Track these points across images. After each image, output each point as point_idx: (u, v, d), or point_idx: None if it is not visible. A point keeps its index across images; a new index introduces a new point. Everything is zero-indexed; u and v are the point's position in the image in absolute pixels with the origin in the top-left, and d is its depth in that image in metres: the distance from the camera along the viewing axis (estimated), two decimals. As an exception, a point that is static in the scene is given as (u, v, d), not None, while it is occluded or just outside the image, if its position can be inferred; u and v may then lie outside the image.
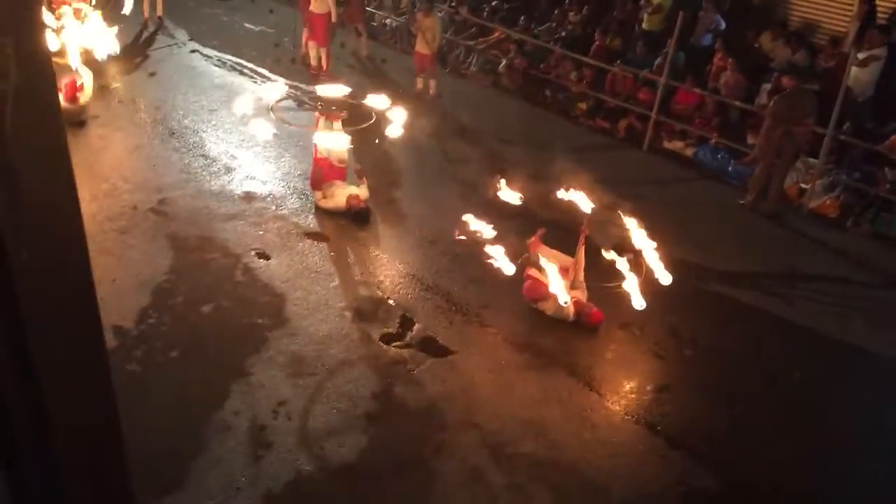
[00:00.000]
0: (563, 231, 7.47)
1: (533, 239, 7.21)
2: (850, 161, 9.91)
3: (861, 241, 9.23)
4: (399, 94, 8.42)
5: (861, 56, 9.88)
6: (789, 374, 6.83)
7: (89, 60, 10.02)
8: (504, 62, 12.88)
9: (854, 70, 9.77)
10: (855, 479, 5.84)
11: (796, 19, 11.94)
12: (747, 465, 5.83)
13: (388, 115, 8.18)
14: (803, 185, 9.92)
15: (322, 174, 8.47)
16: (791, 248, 9.02)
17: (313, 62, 12.50)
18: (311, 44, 12.46)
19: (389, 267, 7.79)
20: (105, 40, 10.23)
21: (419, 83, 12.25)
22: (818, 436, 6.22)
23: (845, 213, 9.58)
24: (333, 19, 12.31)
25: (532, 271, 7.17)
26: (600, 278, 6.99)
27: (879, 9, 10.60)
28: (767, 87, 10.60)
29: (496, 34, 13.40)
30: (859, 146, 9.75)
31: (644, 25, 12.54)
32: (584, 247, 7.02)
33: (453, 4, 14.27)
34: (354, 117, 8.47)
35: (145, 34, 13.11)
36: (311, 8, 12.18)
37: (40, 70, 1.27)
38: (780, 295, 7.94)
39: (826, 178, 9.84)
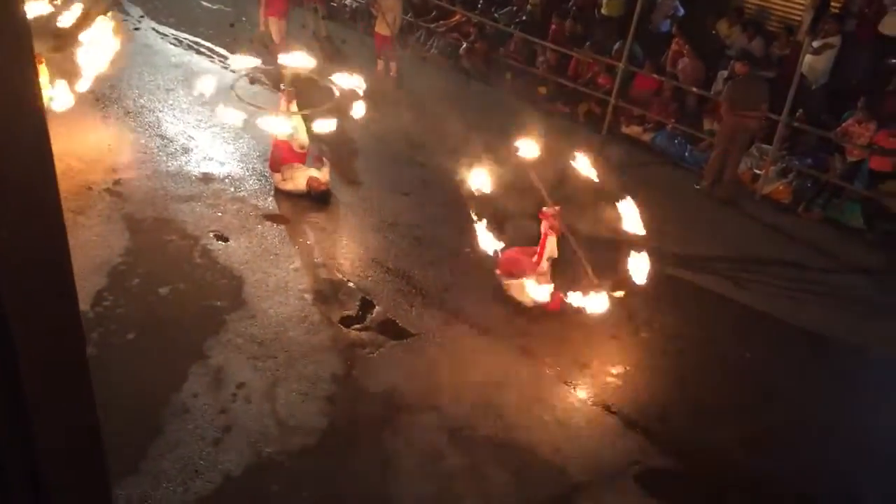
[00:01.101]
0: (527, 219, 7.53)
1: (548, 212, 6.99)
2: (803, 148, 10.12)
3: (813, 226, 9.45)
4: (359, 75, 8.35)
5: (816, 44, 10.07)
6: (741, 355, 6.99)
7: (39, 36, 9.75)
8: (465, 45, 12.87)
9: (808, 58, 9.96)
10: (805, 457, 6.02)
11: (752, 7, 12.10)
12: (700, 443, 5.97)
13: (351, 96, 8.15)
14: (757, 171, 10.11)
15: (281, 157, 8.40)
16: (745, 232, 9.20)
17: (275, 38, 12.31)
18: (271, 19, 12.26)
19: (350, 250, 7.78)
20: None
21: (379, 65, 12.19)
22: (769, 415, 6.38)
23: (797, 199, 9.79)
24: None
25: (515, 249, 7.18)
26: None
27: (833, -2, 10.80)
28: (724, 73, 10.76)
29: (456, 17, 13.38)
30: (812, 133, 9.96)
31: (603, 10, 12.62)
32: (551, 234, 7.02)
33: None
34: (317, 97, 8.41)
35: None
36: None
37: (17, 50, 1.24)
38: (733, 278, 8.11)
39: (779, 165, 10.04)
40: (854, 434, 6.27)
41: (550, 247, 7.00)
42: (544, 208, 6.95)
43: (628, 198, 6.86)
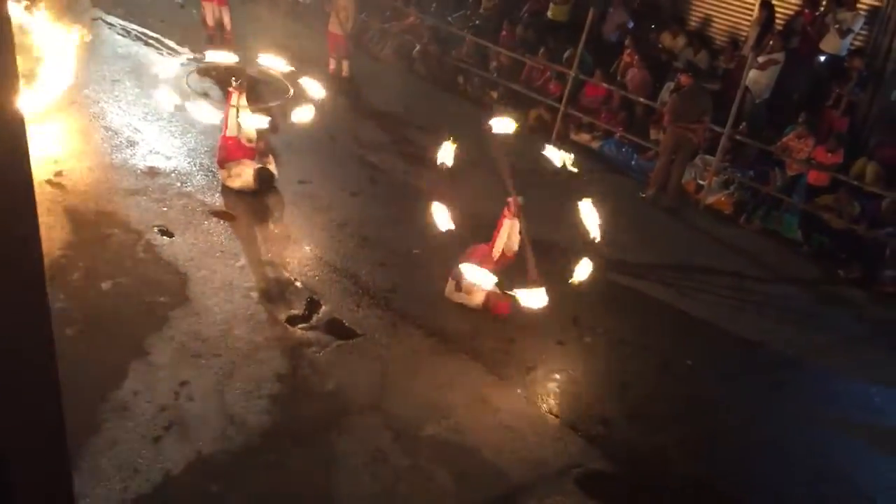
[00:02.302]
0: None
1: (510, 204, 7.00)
2: (745, 160, 10.38)
3: (753, 237, 9.70)
4: (312, 73, 8.32)
5: (761, 59, 10.36)
6: (682, 362, 7.14)
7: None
8: (418, 47, 12.89)
9: (753, 73, 10.23)
10: (739, 462, 6.17)
11: (697, 19, 12.38)
12: (641, 447, 6.07)
13: (304, 94, 8.11)
14: (701, 182, 10.34)
15: (229, 152, 8.30)
16: (688, 241, 9.40)
17: (209, 22, 12.20)
18: (209, 5, 12.16)
19: (297, 248, 7.73)
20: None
21: (332, 63, 12.14)
22: (708, 421, 6.53)
23: (739, 210, 10.04)
24: None
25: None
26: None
27: (777, 15, 11.11)
28: (670, 84, 10.98)
29: (410, 18, 13.39)
30: (754, 146, 10.22)
31: (549, 14, 12.76)
32: (509, 218, 7.01)
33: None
34: (268, 93, 8.35)
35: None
36: None
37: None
38: (676, 286, 8.28)
39: (722, 176, 10.28)
40: (787, 441, 6.45)
41: (506, 233, 7.02)
42: (510, 197, 6.98)
43: (589, 200, 6.93)
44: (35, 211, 1.41)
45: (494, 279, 6.82)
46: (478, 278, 6.81)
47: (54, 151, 8.38)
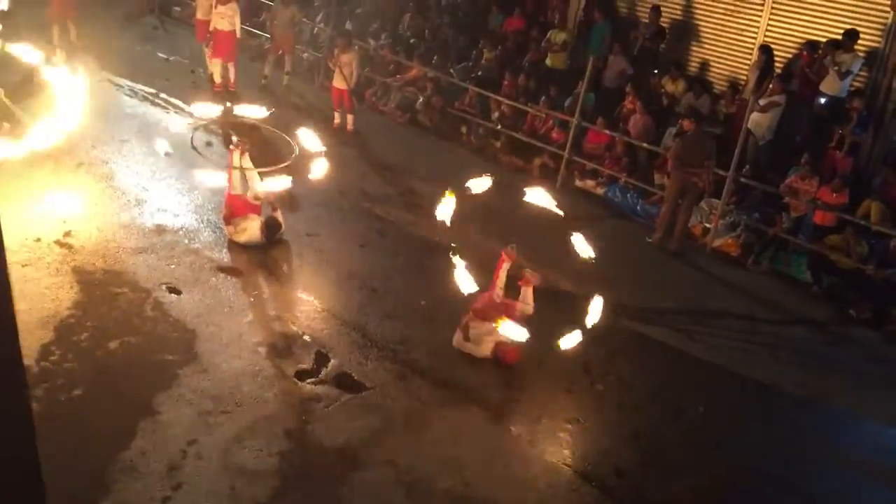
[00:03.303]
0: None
1: (506, 252, 7.19)
2: (751, 202, 10.39)
3: (761, 279, 9.67)
4: (317, 128, 8.43)
5: (762, 102, 10.45)
6: (694, 407, 7.06)
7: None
8: (421, 99, 13.04)
9: (755, 115, 10.32)
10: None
11: (697, 65, 12.52)
12: (654, 496, 5.97)
13: (312, 153, 8.19)
14: (707, 225, 10.35)
15: (235, 209, 8.36)
16: (696, 284, 9.37)
17: (217, 79, 12.54)
18: (216, 61, 12.53)
19: (305, 302, 7.72)
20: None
21: (337, 118, 12.29)
22: (722, 468, 6.42)
23: (746, 252, 10.02)
24: (237, 35, 12.47)
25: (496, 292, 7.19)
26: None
27: (776, 58, 11.23)
28: (672, 130, 11.06)
29: (413, 71, 13.57)
30: (759, 188, 10.25)
31: (547, 62, 12.92)
32: (504, 270, 7.12)
33: (371, 41, 14.40)
34: (275, 152, 8.44)
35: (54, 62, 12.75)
36: (215, 25, 12.31)
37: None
38: (685, 330, 8.22)
39: (728, 219, 10.28)
40: (804, 485, 6.34)
41: (504, 276, 7.13)
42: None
43: (580, 234, 6.98)
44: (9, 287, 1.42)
45: (526, 334, 6.77)
46: (514, 334, 6.77)
47: (63, 212, 8.45)
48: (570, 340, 6.91)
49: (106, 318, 6.93)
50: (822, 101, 10.74)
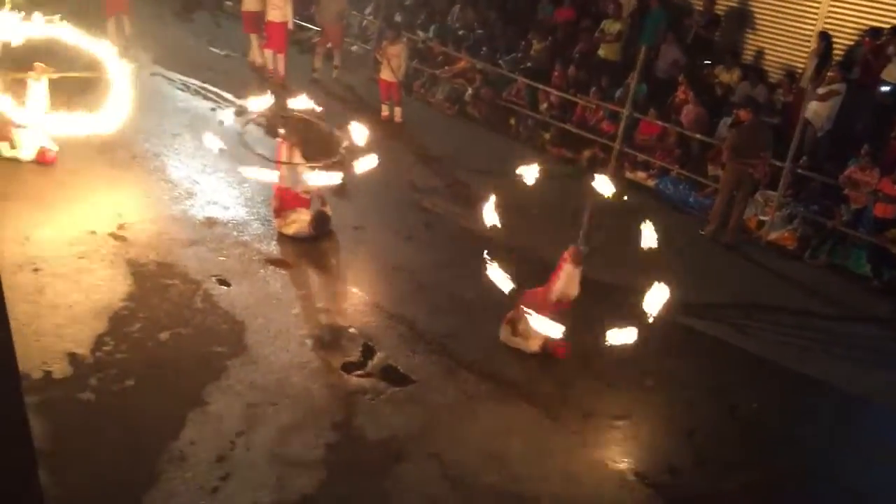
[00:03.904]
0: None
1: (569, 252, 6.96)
2: (808, 194, 10.11)
3: (818, 273, 9.40)
4: (365, 120, 8.43)
5: (821, 91, 10.14)
6: (748, 404, 6.89)
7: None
8: (470, 91, 12.97)
9: (813, 104, 10.03)
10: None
11: (753, 54, 12.21)
12: (706, 494, 5.85)
13: (361, 146, 8.18)
14: (762, 217, 10.10)
15: (284, 201, 8.41)
16: (750, 279, 9.15)
17: (270, 66, 12.88)
18: (268, 52, 12.73)
19: (352, 295, 7.73)
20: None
21: (385, 110, 12.29)
22: (777, 466, 6.26)
23: (803, 246, 9.76)
24: (290, 27, 12.59)
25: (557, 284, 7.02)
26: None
27: (836, 46, 10.89)
28: (727, 120, 10.80)
29: (461, 63, 13.50)
30: (817, 180, 9.96)
31: (600, 53, 12.73)
32: (567, 264, 6.94)
33: (420, 33, 14.36)
34: (325, 144, 8.45)
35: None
36: (269, 18, 12.48)
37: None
38: (739, 326, 8.04)
39: (784, 211, 10.02)
40: (860, 484, 6.16)
41: (565, 278, 6.90)
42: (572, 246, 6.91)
43: (649, 222, 6.75)
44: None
45: (562, 328, 6.63)
46: (546, 329, 6.65)
47: (117, 205, 8.59)
48: (623, 336, 6.74)
49: (157, 310, 7.02)
50: (884, 89, 10.37)
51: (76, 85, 9.37)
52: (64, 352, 6.26)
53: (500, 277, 6.63)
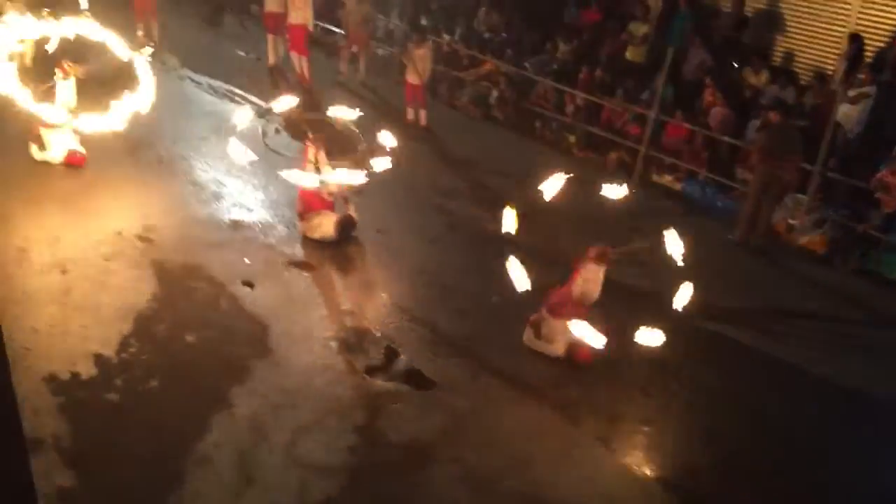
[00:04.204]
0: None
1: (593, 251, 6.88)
2: (838, 198, 9.96)
3: (849, 278, 9.25)
4: (390, 123, 8.44)
5: (851, 93, 9.99)
6: (778, 412, 6.78)
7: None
8: (495, 94, 12.94)
9: (844, 107, 9.88)
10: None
11: (782, 56, 12.06)
12: (732, 502, 5.76)
13: (385, 148, 8.17)
14: (791, 221, 9.96)
15: (309, 204, 8.43)
16: (779, 284, 9.03)
17: (291, 65, 13.16)
18: (293, 54, 12.81)
19: (376, 297, 7.73)
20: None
21: (410, 113, 12.30)
22: (805, 473, 6.16)
23: (833, 250, 9.61)
24: (310, 29, 12.67)
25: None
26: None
27: (867, 47, 10.73)
28: (756, 122, 10.67)
29: (487, 65, 13.47)
30: (847, 183, 9.81)
31: (627, 55, 12.66)
32: (591, 263, 6.87)
33: (445, 36, 14.36)
34: (349, 147, 8.46)
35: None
36: (290, 20, 12.55)
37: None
38: (768, 331, 7.92)
39: (814, 215, 9.87)
40: (888, 493, 6.03)
41: (587, 276, 6.83)
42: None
43: (673, 230, 6.68)
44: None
45: (604, 339, 6.54)
46: (588, 338, 6.56)
47: (144, 206, 8.67)
48: (649, 338, 6.66)
49: (182, 312, 7.06)
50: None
51: (103, 85, 9.47)
52: (90, 353, 6.30)
53: (518, 275, 6.58)
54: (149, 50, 9.65)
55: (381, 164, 8.16)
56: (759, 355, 7.55)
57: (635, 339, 6.48)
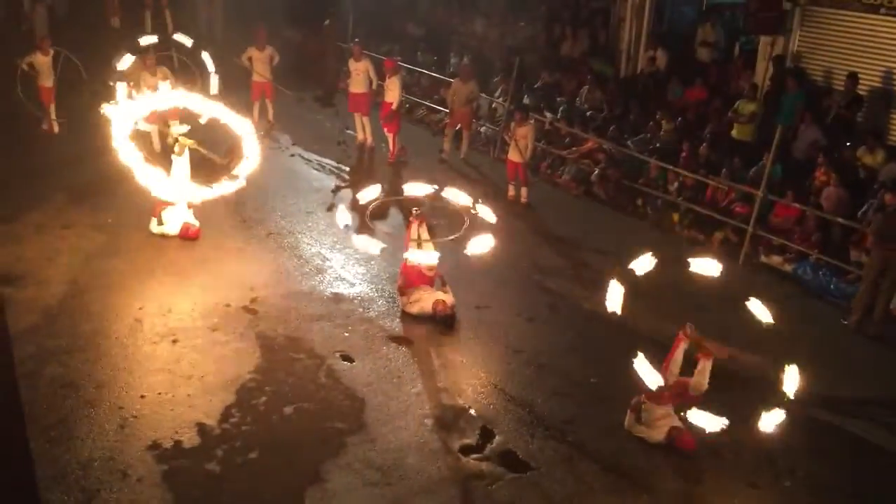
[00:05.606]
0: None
1: (685, 331, 6.84)
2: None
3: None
4: (491, 200, 8.50)
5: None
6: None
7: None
8: (596, 171, 12.90)
9: (965, 189, 9.36)
10: None
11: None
12: None
13: (487, 225, 8.22)
14: (911, 307, 9.40)
15: (409, 279, 8.54)
16: (899, 373, 8.48)
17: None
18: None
19: (473, 375, 7.68)
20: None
21: (511, 190, 12.38)
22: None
23: (959, 338, 8.99)
24: (395, 107, 12.99)
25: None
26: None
27: None
28: (873, 202, 10.23)
29: (589, 143, 13.48)
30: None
31: (733, 133, 12.43)
32: (681, 350, 6.78)
33: (547, 114, 14.49)
34: (451, 224, 8.57)
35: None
36: (387, 98, 12.99)
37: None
38: (885, 424, 7.42)
39: (937, 300, 9.29)
40: None
41: (680, 357, 6.75)
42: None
43: (756, 300, 6.57)
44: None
45: (724, 421, 6.38)
46: (706, 424, 6.46)
47: (251, 280, 8.97)
48: (765, 423, 6.36)
49: (283, 384, 7.21)
50: None
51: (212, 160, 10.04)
52: (194, 421, 6.49)
53: (647, 371, 6.42)
54: (261, 131, 10.15)
55: (490, 242, 8.15)
56: (878, 450, 7.06)
57: (754, 426, 6.22)
